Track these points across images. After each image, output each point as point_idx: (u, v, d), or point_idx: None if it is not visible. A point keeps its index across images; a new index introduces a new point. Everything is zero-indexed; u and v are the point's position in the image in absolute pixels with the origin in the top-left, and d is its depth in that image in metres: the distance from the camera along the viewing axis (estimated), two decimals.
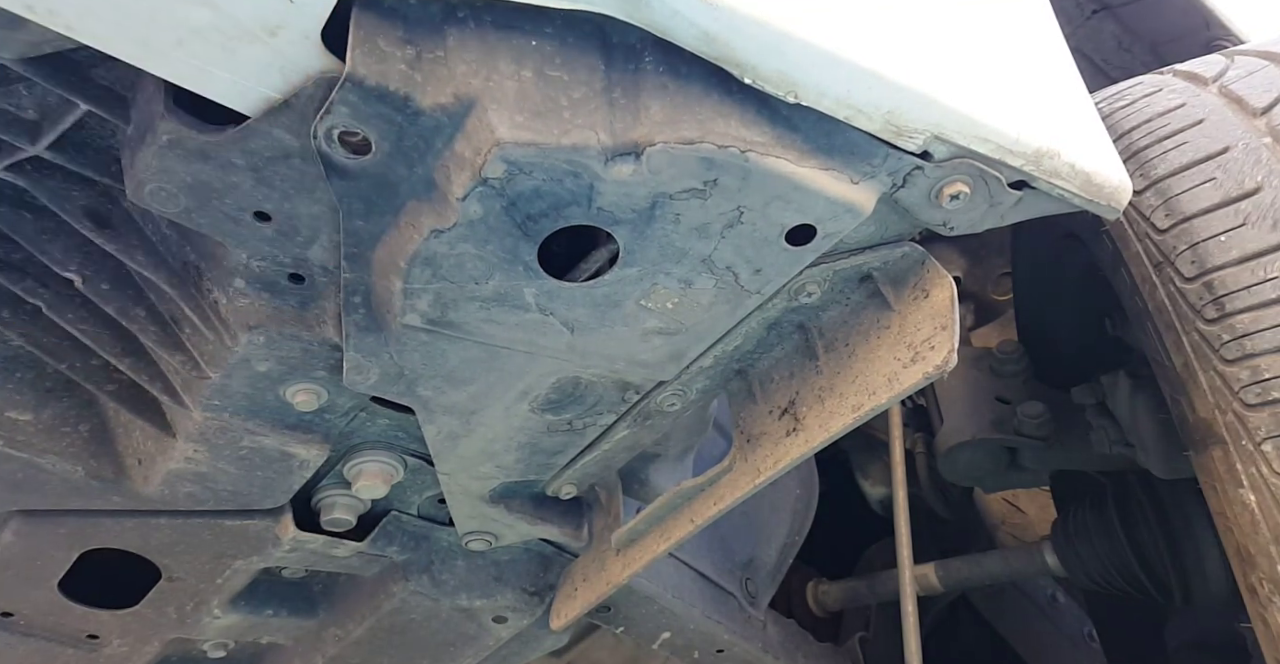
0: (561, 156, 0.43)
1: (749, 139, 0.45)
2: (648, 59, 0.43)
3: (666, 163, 0.44)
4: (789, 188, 0.47)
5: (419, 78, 0.41)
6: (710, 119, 0.44)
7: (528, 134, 0.42)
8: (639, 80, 0.43)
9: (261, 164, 0.47)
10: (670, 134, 0.44)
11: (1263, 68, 0.74)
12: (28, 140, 0.52)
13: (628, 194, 0.46)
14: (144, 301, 0.61)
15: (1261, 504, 0.62)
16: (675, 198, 0.47)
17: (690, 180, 0.46)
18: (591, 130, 0.43)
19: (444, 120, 0.42)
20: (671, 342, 0.59)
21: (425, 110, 0.42)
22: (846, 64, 0.44)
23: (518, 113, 0.42)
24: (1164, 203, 0.70)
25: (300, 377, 0.62)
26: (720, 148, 0.44)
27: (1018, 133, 0.50)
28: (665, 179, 0.45)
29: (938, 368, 0.55)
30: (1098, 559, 1.11)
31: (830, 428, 0.63)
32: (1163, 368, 0.71)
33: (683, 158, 0.44)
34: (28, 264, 0.60)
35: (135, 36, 0.40)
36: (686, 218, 0.48)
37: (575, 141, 0.43)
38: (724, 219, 0.49)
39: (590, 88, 0.43)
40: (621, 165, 0.44)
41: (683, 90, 0.44)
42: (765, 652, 1.17)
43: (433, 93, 0.42)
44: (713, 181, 0.46)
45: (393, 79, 0.41)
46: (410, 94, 0.41)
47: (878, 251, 0.59)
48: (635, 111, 0.43)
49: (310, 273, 0.56)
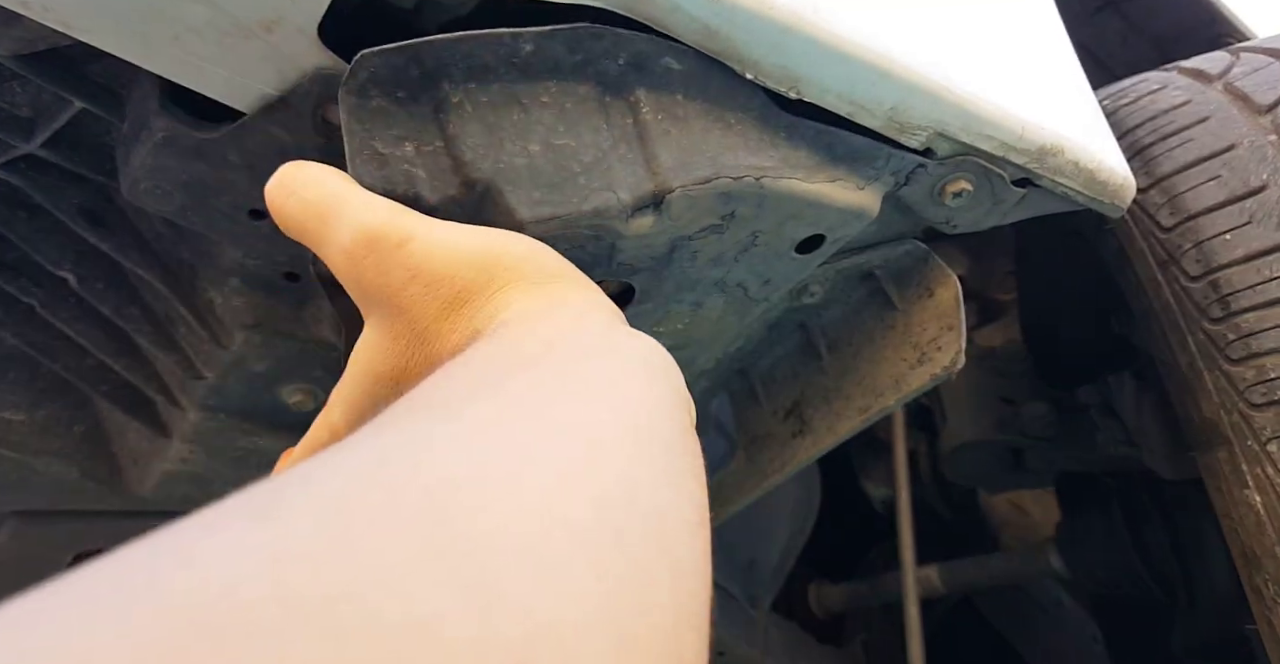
0: (585, 223, 0.42)
1: (759, 166, 0.45)
2: (644, 110, 0.42)
3: (686, 206, 0.44)
4: (802, 205, 0.47)
5: (423, 174, 0.40)
6: (719, 154, 0.44)
7: (548, 209, 0.41)
8: (642, 132, 0.42)
9: (257, 161, 0.46)
10: (686, 177, 0.43)
11: (1268, 65, 0.73)
12: (22, 138, 0.51)
13: (648, 245, 0.45)
14: (139, 301, 0.61)
15: (1267, 505, 0.61)
16: (694, 238, 0.46)
17: (710, 218, 0.45)
18: (610, 191, 0.42)
19: (457, 211, 0.40)
20: (680, 355, 0.59)
21: (437, 206, 0.40)
22: (850, 60, 0.43)
23: (534, 189, 0.40)
24: (1169, 201, 0.69)
25: (297, 376, 0.62)
26: (736, 180, 0.44)
27: (1021, 130, 0.50)
28: (685, 222, 0.45)
29: (946, 369, 0.55)
30: (1103, 561, 1.10)
31: (838, 430, 0.63)
32: (1168, 367, 0.70)
33: (701, 198, 0.44)
34: (21, 263, 0.60)
35: (131, 32, 0.39)
36: (704, 253, 0.48)
37: (597, 205, 0.41)
38: (739, 245, 0.48)
39: (599, 149, 0.42)
40: (642, 218, 0.43)
41: (685, 133, 0.43)
42: (766, 654, 1.17)
43: (440, 186, 0.40)
44: (730, 215, 0.46)
45: (398, 182, 0.39)
46: (419, 193, 0.40)
47: (879, 250, 0.58)
48: (646, 163, 0.43)
49: (305, 271, 0.56)
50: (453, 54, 0.38)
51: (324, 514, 0.16)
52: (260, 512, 0.16)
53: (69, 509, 0.72)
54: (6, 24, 0.42)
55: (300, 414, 0.67)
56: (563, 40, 0.40)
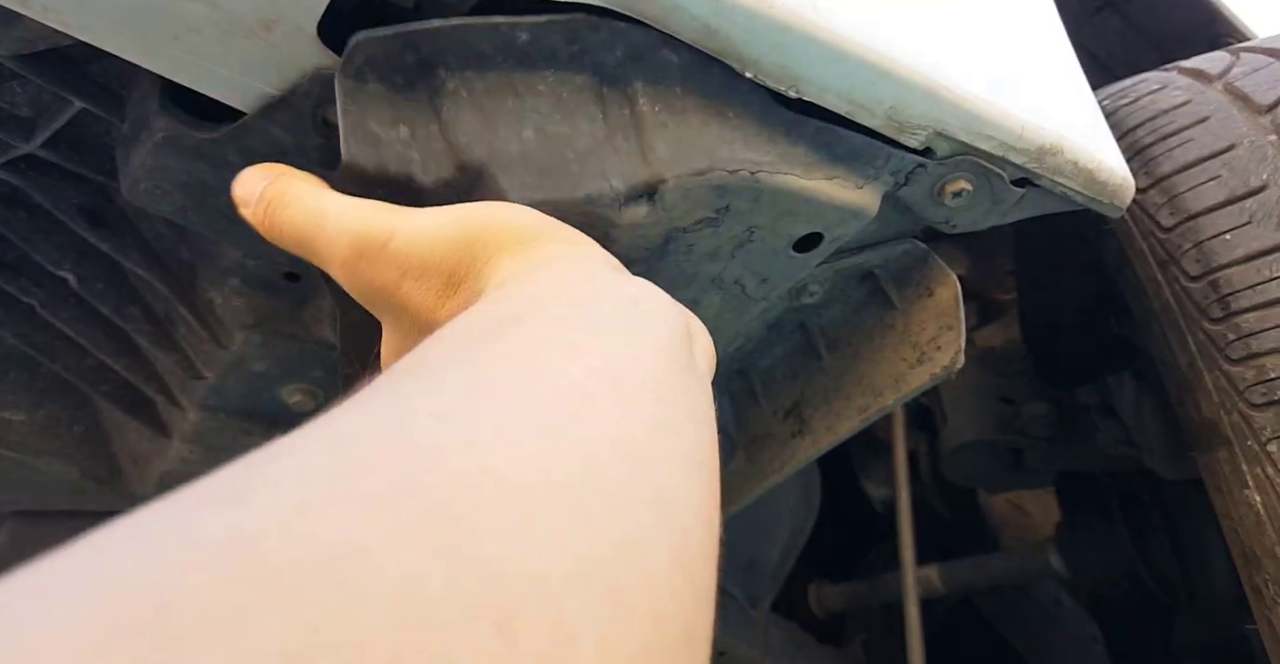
0: (577, 210, 0.42)
1: (756, 160, 0.44)
2: (642, 101, 0.42)
3: (680, 198, 0.44)
4: (799, 202, 0.47)
5: (416, 156, 0.40)
6: (715, 147, 0.44)
7: (540, 193, 0.41)
8: (638, 123, 0.43)
9: (257, 161, 0.46)
10: (680, 169, 0.43)
11: (1268, 65, 0.73)
12: (22, 137, 0.51)
13: (642, 235, 0.45)
14: (139, 301, 0.61)
15: (1267, 505, 0.61)
16: (689, 230, 0.46)
17: (704, 211, 0.45)
18: (604, 179, 0.42)
19: (449, 194, 0.40)
20: None
21: (429, 187, 0.40)
22: (849, 59, 0.43)
23: (527, 174, 0.41)
24: (1169, 201, 0.69)
25: (297, 376, 0.62)
26: (731, 173, 0.44)
27: (1021, 129, 0.50)
28: (679, 214, 0.45)
29: (945, 368, 0.55)
30: (1102, 561, 1.10)
31: (837, 430, 0.63)
32: (1168, 368, 0.70)
33: (696, 190, 0.44)
34: (21, 263, 0.60)
35: (131, 32, 0.39)
36: (699, 246, 0.48)
37: (589, 192, 0.41)
38: (735, 240, 0.48)
39: (594, 138, 0.42)
40: (636, 208, 0.43)
41: (682, 125, 0.43)
42: (766, 654, 1.17)
43: (434, 169, 0.40)
44: (725, 208, 0.46)
45: (391, 162, 0.39)
46: (412, 175, 0.40)
47: (879, 249, 0.58)
48: (641, 153, 0.43)
49: (305, 271, 0.56)
50: (449, 41, 0.38)
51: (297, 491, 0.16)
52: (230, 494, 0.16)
53: (69, 509, 0.72)
54: (7, 24, 0.42)
55: (300, 414, 0.67)
56: (560, 30, 0.40)
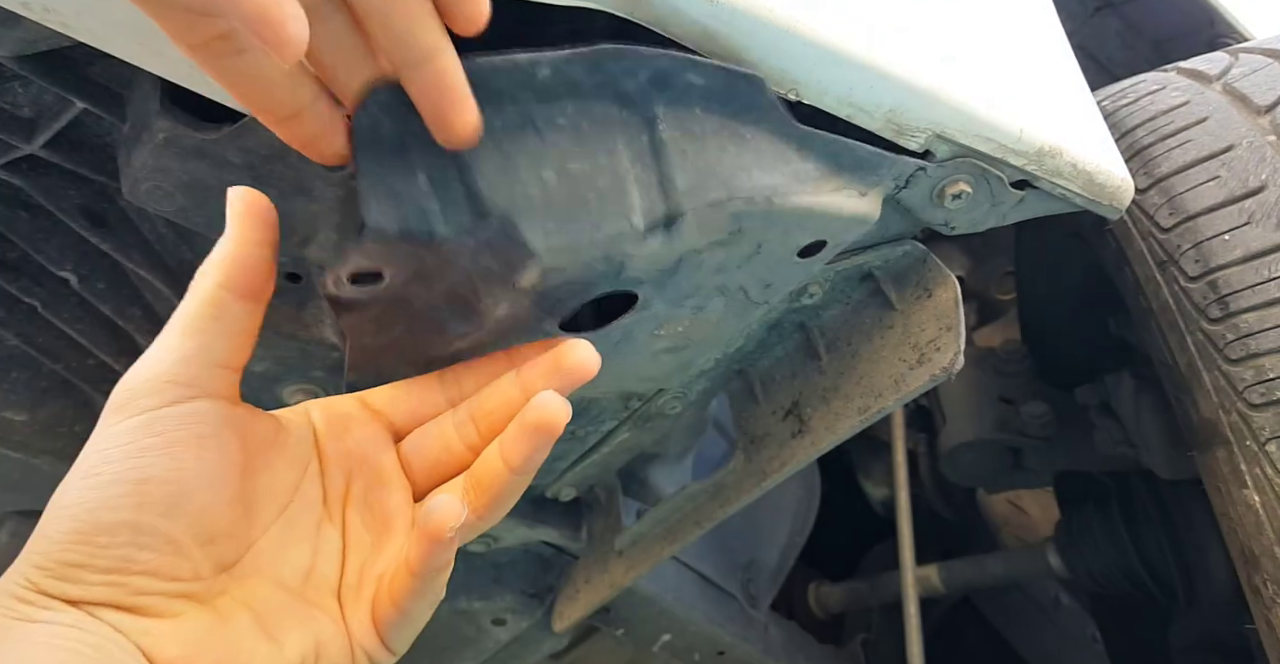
0: (598, 250, 0.42)
1: (771, 185, 0.44)
2: (662, 126, 0.42)
3: (697, 227, 0.44)
4: (807, 217, 0.47)
5: (436, 207, 0.39)
6: (731, 175, 0.43)
7: (562, 239, 0.40)
8: (657, 151, 0.42)
9: (258, 162, 0.46)
10: (698, 201, 0.43)
11: (1267, 65, 0.74)
12: (23, 138, 0.51)
13: (656, 260, 0.45)
14: (140, 301, 0.61)
15: (1266, 505, 0.61)
16: (701, 251, 0.46)
17: (717, 235, 0.45)
18: (624, 217, 0.41)
19: (468, 241, 0.40)
20: (679, 356, 0.59)
21: (449, 238, 0.40)
22: (848, 62, 0.43)
23: (549, 219, 0.40)
24: (1168, 201, 0.69)
25: (297, 377, 0.62)
26: (747, 201, 0.44)
27: (1020, 131, 0.50)
28: (694, 239, 0.45)
29: (944, 369, 0.55)
30: (1101, 560, 1.10)
31: (837, 430, 0.63)
32: (1166, 368, 0.70)
33: (713, 219, 0.44)
34: (23, 263, 0.60)
35: (131, 34, 0.40)
36: (709, 262, 0.48)
37: (610, 231, 0.41)
38: (743, 255, 0.48)
39: (614, 174, 0.41)
40: (653, 240, 0.43)
41: (701, 153, 0.43)
42: (766, 654, 1.17)
43: (453, 215, 0.39)
44: (738, 230, 0.46)
45: (411, 221, 0.39)
46: (433, 230, 0.39)
47: (879, 250, 0.58)
48: (660, 185, 0.42)
49: (307, 272, 0.56)
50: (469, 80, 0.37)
51: None
52: None
53: None
54: (8, 25, 0.42)
55: None
56: (583, 63, 0.39)
